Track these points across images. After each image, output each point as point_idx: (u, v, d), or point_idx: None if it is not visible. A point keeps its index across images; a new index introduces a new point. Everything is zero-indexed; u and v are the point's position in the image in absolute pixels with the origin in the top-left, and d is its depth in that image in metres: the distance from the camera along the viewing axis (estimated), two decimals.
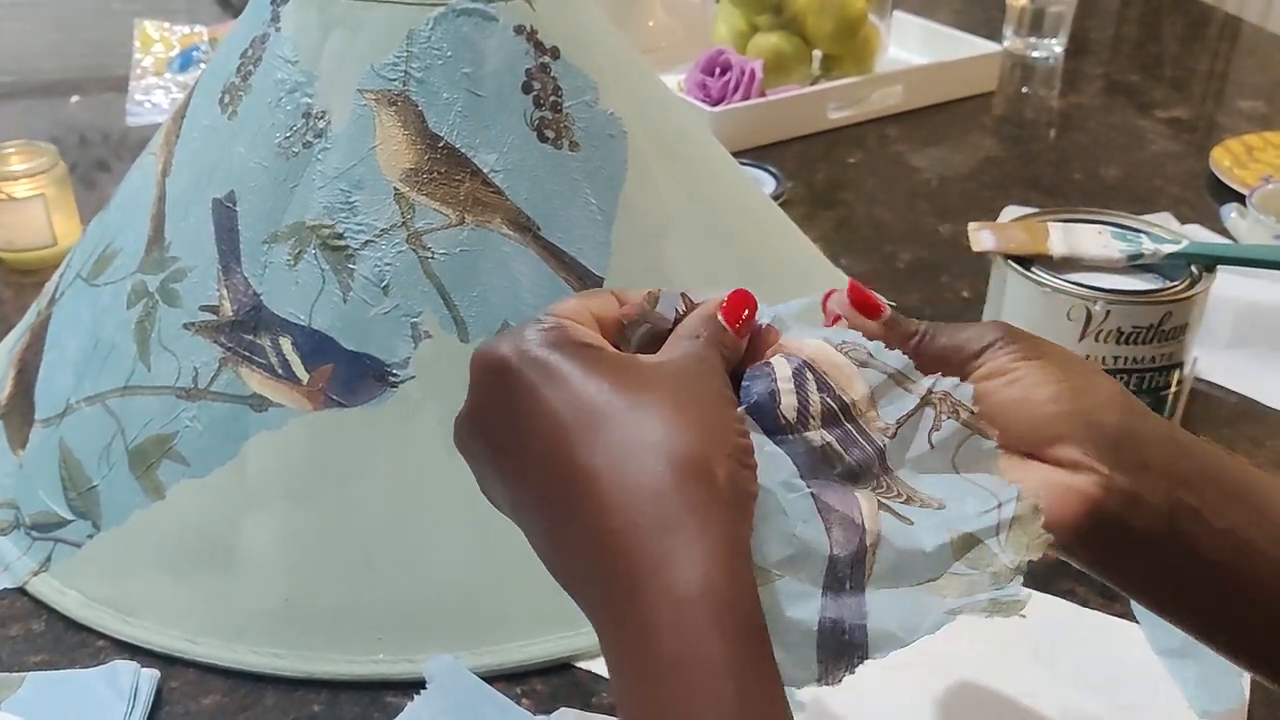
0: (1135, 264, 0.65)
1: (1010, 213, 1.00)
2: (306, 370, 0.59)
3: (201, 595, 0.59)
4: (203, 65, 1.23)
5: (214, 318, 0.61)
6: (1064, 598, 0.62)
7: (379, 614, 0.58)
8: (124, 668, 0.56)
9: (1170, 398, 0.66)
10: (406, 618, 0.58)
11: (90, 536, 0.62)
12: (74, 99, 1.25)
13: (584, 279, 0.61)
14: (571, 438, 0.35)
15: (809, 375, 0.39)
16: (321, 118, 0.60)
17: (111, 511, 0.61)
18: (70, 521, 0.62)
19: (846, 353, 0.40)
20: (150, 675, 0.56)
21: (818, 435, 0.39)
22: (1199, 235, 0.95)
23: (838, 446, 0.39)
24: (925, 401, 0.40)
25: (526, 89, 0.61)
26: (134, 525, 0.61)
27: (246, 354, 0.60)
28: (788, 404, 0.39)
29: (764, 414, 0.39)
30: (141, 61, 1.29)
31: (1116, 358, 0.63)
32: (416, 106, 0.60)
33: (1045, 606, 0.62)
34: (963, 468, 0.40)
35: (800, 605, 0.38)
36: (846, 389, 0.40)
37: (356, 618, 0.58)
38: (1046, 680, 0.58)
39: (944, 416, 0.40)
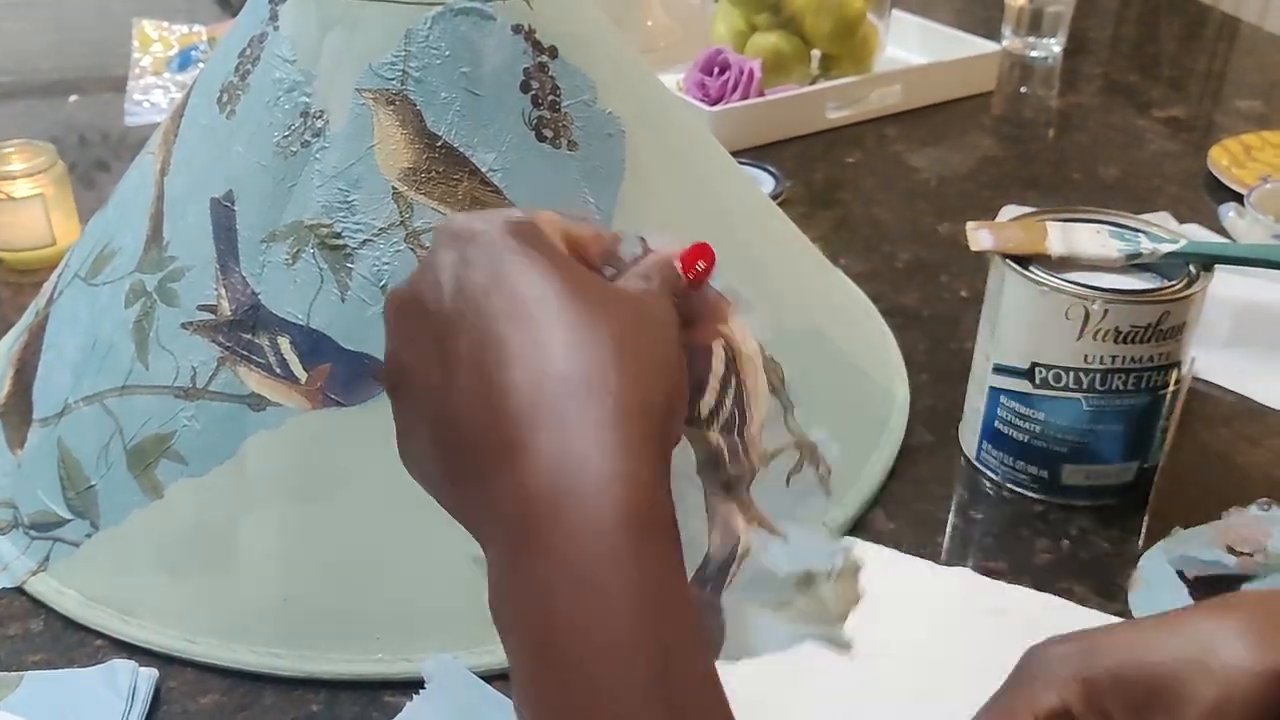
0: (1133, 263, 0.65)
1: (1009, 212, 1.00)
2: (305, 369, 0.59)
3: (200, 594, 0.59)
4: (201, 65, 1.23)
5: (212, 317, 0.61)
6: (1062, 596, 0.62)
7: (378, 613, 0.58)
8: (122, 667, 0.56)
9: (1168, 397, 0.66)
10: (405, 617, 0.58)
11: (89, 536, 0.62)
12: (72, 99, 1.25)
13: None
14: (526, 324, 0.33)
15: (733, 381, 0.40)
16: (320, 117, 0.60)
17: (110, 511, 0.61)
18: (69, 521, 0.62)
19: (768, 370, 0.41)
20: (149, 674, 0.56)
21: (715, 438, 0.40)
22: (1197, 235, 0.95)
23: (726, 455, 0.40)
24: (798, 444, 0.42)
25: (525, 88, 0.61)
26: (132, 524, 0.61)
27: (245, 353, 0.60)
28: (706, 401, 0.40)
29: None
30: (140, 61, 1.29)
31: (1114, 357, 0.63)
32: (415, 106, 0.60)
33: (1043, 605, 0.62)
34: (800, 516, 0.42)
35: None
36: (753, 408, 0.41)
37: (355, 617, 0.58)
38: None
39: (806, 463, 0.42)
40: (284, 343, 0.59)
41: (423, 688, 0.56)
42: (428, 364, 0.35)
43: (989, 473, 0.71)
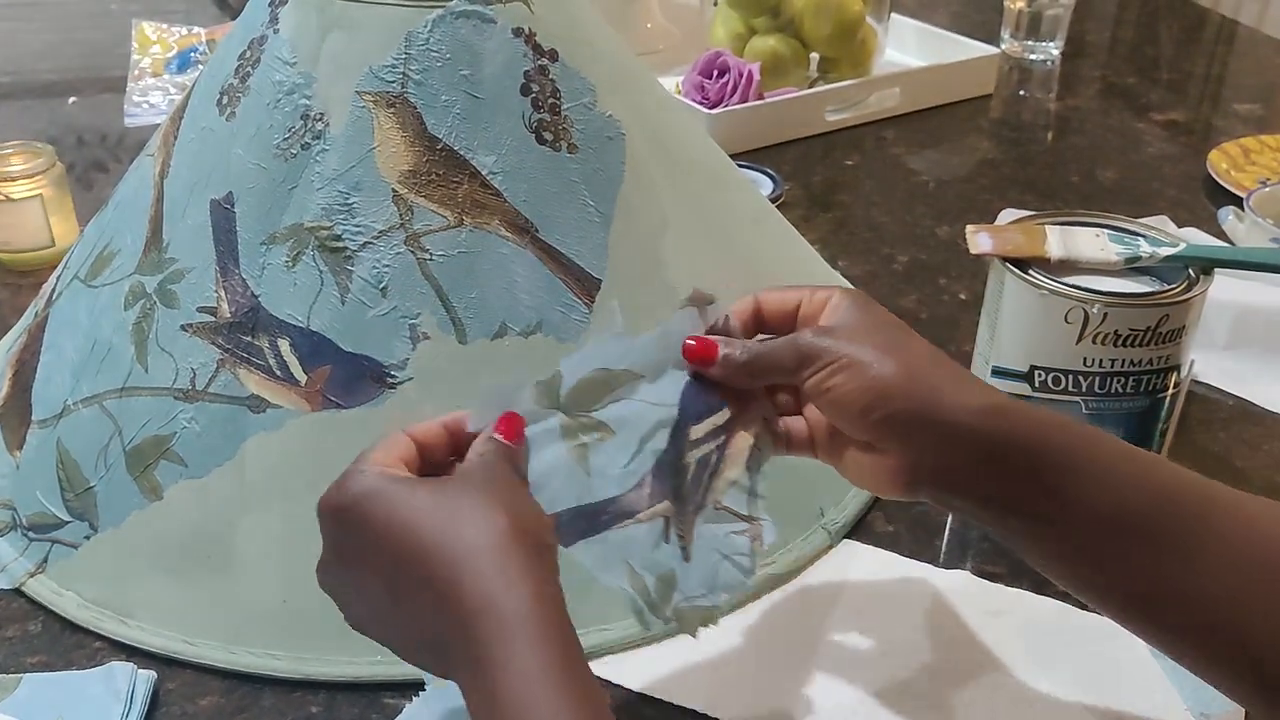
0: (1132, 267, 0.65)
1: (1007, 215, 1.00)
2: (305, 371, 0.59)
3: (199, 596, 0.59)
4: (200, 66, 1.23)
5: (212, 319, 0.61)
6: (1060, 599, 0.62)
7: None
8: (121, 669, 0.56)
9: (1167, 400, 0.66)
10: None
11: (88, 538, 0.62)
12: (72, 100, 1.25)
13: (581, 280, 0.61)
14: (412, 538, 0.44)
15: (722, 437, 0.52)
16: (320, 119, 0.60)
17: (109, 512, 0.61)
18: (67, 523, 0.62)
19: (753, 453, 0.53)
20: (147, 676, 0.56)
21: (690, 459, 0.52)
22: (1196, 238, 0.95)
23: (689, 477, 0.52)
24: (749, 518, 0.52)
25: (525, 91, 0.61)
26: (131, 526, 0.61)
27: (244, 355, 0.60)
28: (697, 429, 0.52)
29: (685, 417, 0.52)
30: (139, 63, 1.29)
31: (1114, 360, 0.63)
32: (415, 108, 0.60)
33: (1041, 608, 0.62)
34: (720, 579, 0.52)
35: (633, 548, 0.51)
36: (726, 465, 0.52)
37: None
38: (1042, 682, 0.58)
39: (747, 535, 0.52)
40: (284, 345, 0.59)
41: (422, 689, 0.56)
42: (378, 605, 0.47)
43: None
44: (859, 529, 0.67)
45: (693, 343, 0.52)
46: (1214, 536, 0.46)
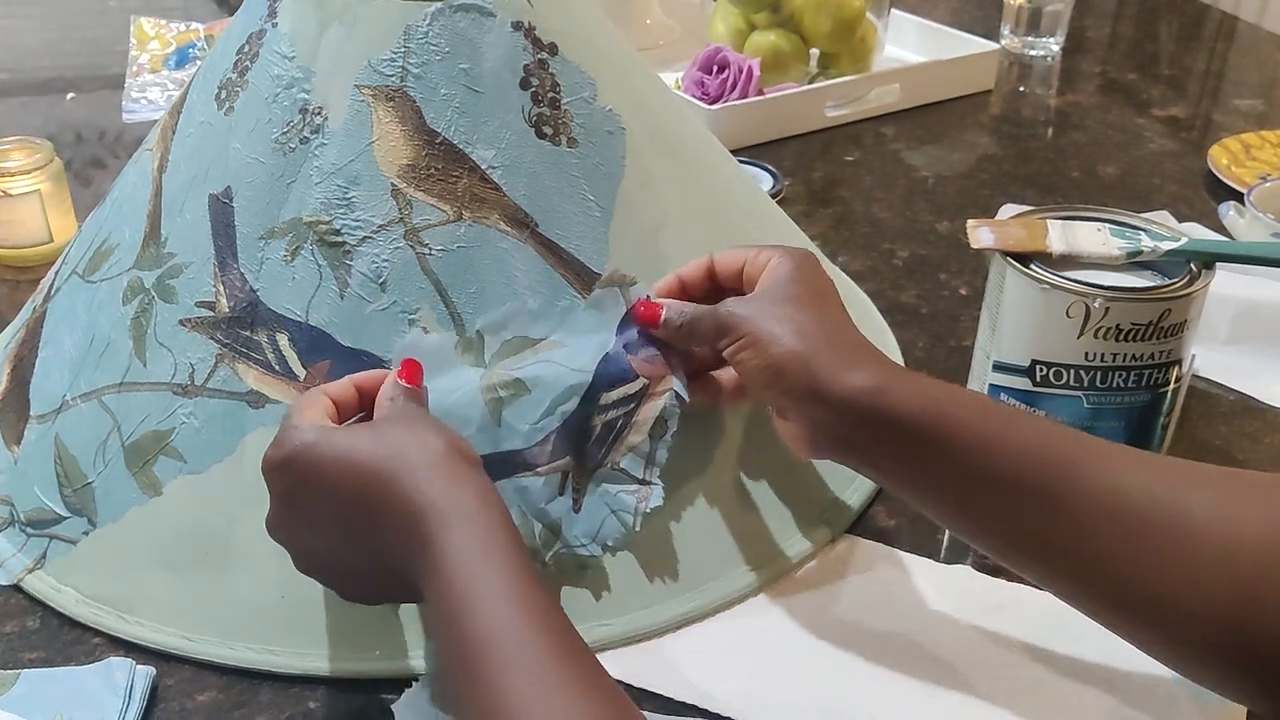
0: (1134, 261, 0.65)
1: (1007, 211, 1.00)
2: (304, 366, 0.59)
3: (198, 592, 0.59)
4: (199, 62, 1.23)
5: (210, 314, 0.60)
6: None
7: (375, 610, 0.58)
8: (119, 665, 0.56)
9: (1169, 395, 0.66)
10: (403, 614, 0.58)
11: (86, 533, 0.61)
12: (70, 96, 1.24)
13: (581, 275, 0.61)
14: (363, 471, 0.48)
15: (631, 405, 0.59)
16: (319, 113, 0.60)
17: (107, 508, 0.61)
18: (66, 518, 0.62)
19: (658, 424, 0.59)
20: (146, 672, 0.56)
21: (597, 421, 0.58)
22: (1197, 233, 0.95)
23: (593, 437, 0.58)
24: (642, 481, 0.59)
25: (525, 85, 0.61)
26: (130, 522, 0.60)
27: (243, 350, 0.59)
28: (608, 395, 0.58)
29: (599, 383, 0.58)
30: (138, 59, 1.29)
31: (1115, 354, 0.63)
32: (414, 102, 0.59)
33: (1042, 602, 0.61)
34: (604, 530, 0.59)
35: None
36: (631, 431, 0.59)
37: (353, 614, 0.58)
38: (1043, 676, 0.58)
39: (636, 496, 0.59)
40: (283, 339, 0.59)
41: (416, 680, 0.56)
42: (331, 542, 0.51)
43: None
44: (861, 523, 0.67)
45: (641, 308, 0.59)
46: (1076, 491, 0.49)
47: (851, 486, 0.68)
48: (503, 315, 0.59)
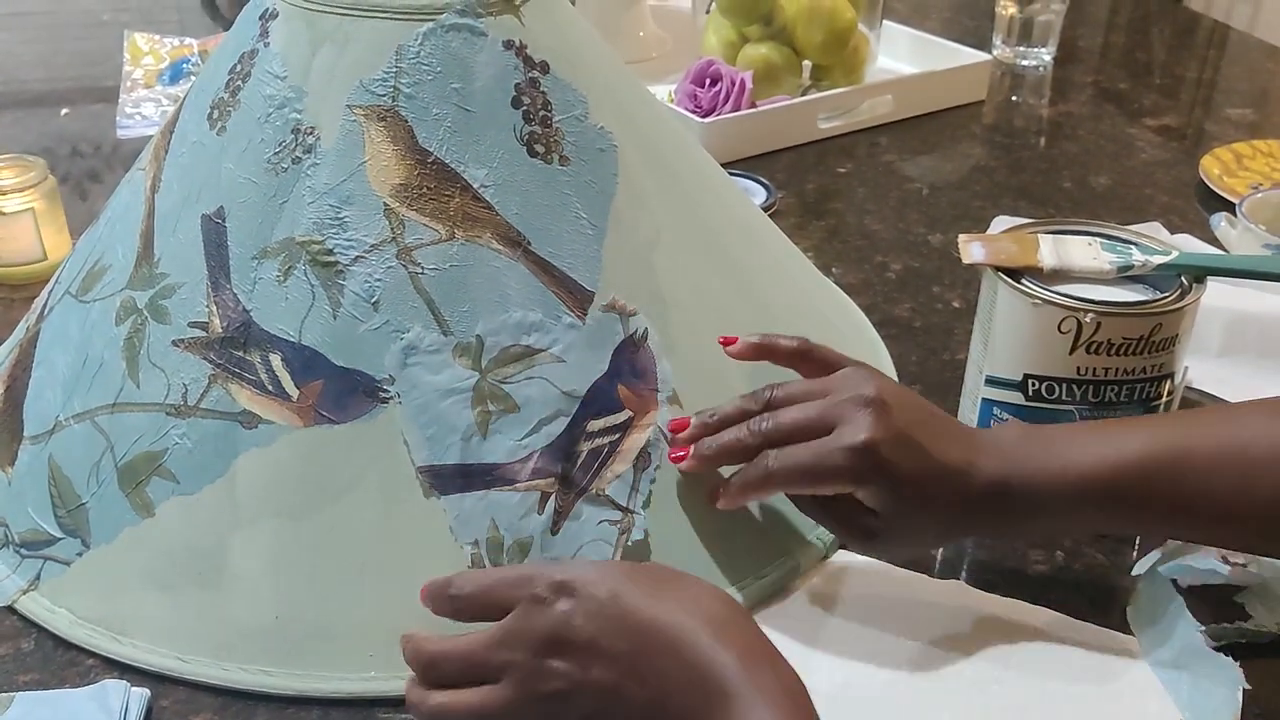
0: (1125, 275, 0.65)
1: (1000, 222, 1.00)
2: (296, 386, 0.59)
3: (192, 613, 0.59)
4: (193, 77, 1.23)
5: (203, 334, 0.60)
6: (1056, 608, 0.62)
7: (370, 630, 0.58)
8: (114, 687, 0.56)
9: (1162, 408, 0.66)
10: (398, 634, 0.58)
11: (80, 554, 0.61)
12: (64, 111, 1.24)
13: (574, 293, 0.61)
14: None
15: (618, 435, 0.60)
16: (311, 133, 0.60)
17: (101, 529, 0.61)
18: (59, 539, 0.62)
19: (641, 455, 0.61)
20: (140, 694, 0.56)
21: (583, 447, 0.59)
22: (1189, 244, 0.95)
23: (579, 462, 0.59)
24: (626, 511, 0.60)
25: (516, 104, 0.61)
26: (124, 543, 0.60)
27: (236, 370, 0.59)
28: (596, 423, 0.60)
29: (587, 410, 0.59)
30: (132, 73, 1.29)
31: (1107, 369, 0.63)
32: (406, 122, 0.60)
33: (1037, 617, 0.62)
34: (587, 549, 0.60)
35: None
36: (616, 460, 0.60)
37: (347, 634, 0.58)
38: (1039, 691, 0.58)
39: (618, 526, 0.60)
40: (275, 360, 0.59)
41: None
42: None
43: None
44: None
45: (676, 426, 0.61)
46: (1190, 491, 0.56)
47: None
48: (500, 324, 0.59)
